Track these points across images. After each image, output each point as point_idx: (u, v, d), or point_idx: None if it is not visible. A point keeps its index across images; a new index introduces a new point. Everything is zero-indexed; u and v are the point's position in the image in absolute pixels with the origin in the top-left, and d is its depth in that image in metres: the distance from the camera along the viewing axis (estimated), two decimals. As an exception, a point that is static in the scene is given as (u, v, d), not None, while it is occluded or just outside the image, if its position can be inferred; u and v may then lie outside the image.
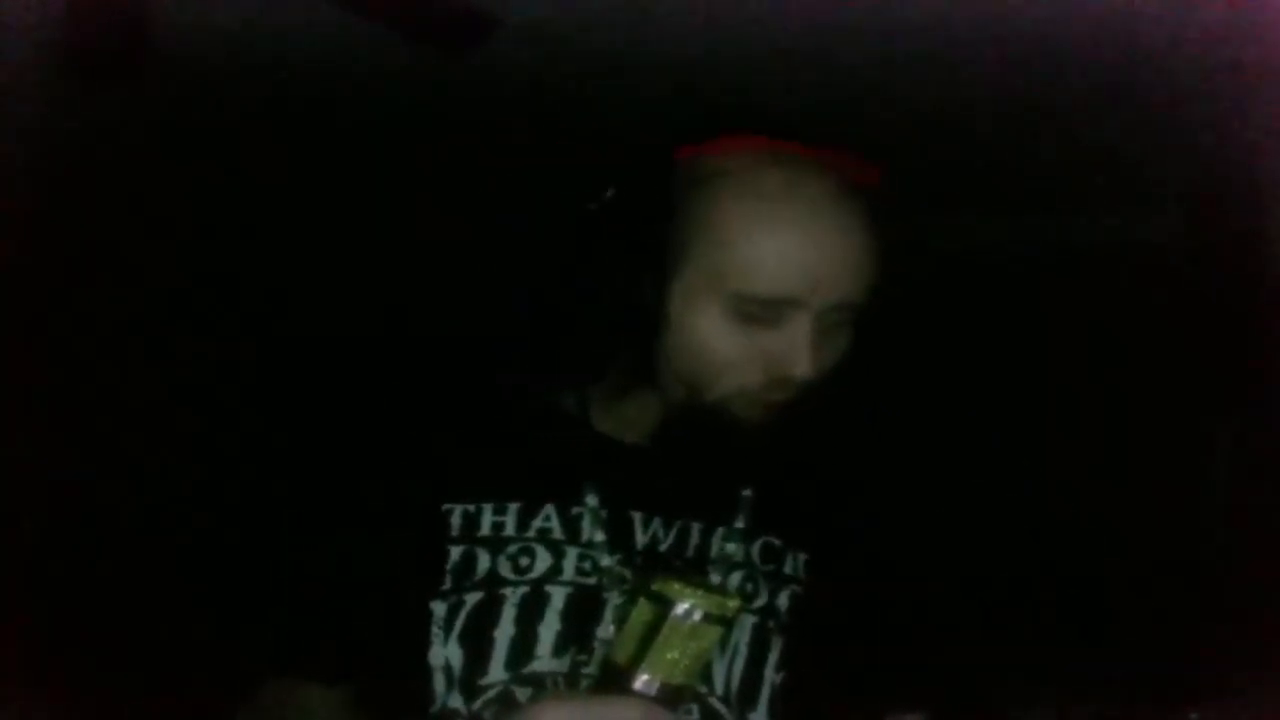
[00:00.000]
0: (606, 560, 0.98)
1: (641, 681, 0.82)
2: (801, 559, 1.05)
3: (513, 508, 0.98)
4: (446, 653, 0.95)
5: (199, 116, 3.08)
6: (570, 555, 0.98)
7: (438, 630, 0.96)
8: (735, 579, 1.01)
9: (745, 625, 1.00)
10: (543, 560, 0.97)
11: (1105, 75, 2.58)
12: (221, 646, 1.03)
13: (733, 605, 0.84)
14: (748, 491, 1.04)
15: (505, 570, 0.96)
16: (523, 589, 0.96)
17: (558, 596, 0.96)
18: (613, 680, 0.84)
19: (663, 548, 1.00)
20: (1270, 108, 2.30)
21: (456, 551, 0.97)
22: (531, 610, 0.96)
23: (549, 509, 0.99)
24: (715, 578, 1.00)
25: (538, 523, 0.99)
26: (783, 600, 1.03)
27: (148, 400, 3.48)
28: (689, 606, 0.82)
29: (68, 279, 3.40)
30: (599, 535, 0.99)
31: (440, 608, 0.96)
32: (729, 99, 2.63)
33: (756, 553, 1.03)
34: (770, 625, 1.01)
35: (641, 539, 1.00)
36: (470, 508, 0.98)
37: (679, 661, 0.82)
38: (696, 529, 1.02)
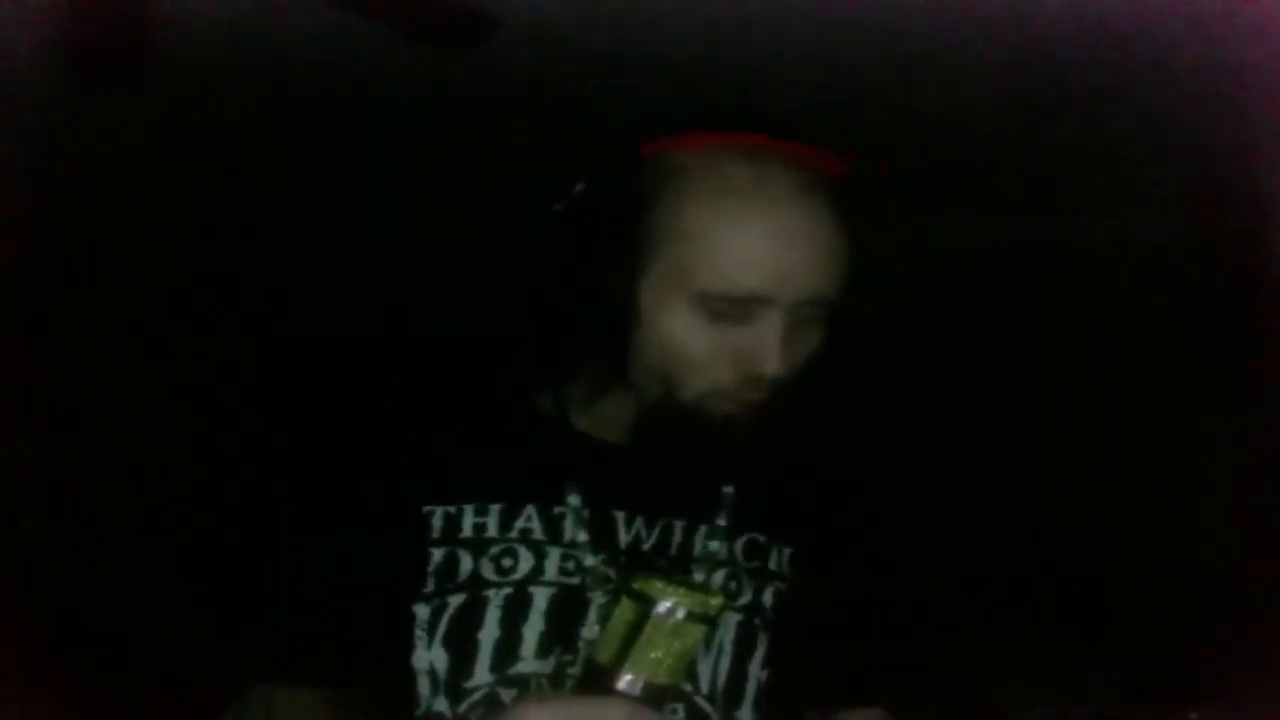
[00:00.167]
0: (590, 560, 0.97)
1: (625, 681, 0.81)
2: (786, 554, 1.04)
3: (494, 509, 0.98)
4: (430, 656, 0.95)
5: (199, 116, 3.08)
6: (553, 556, 0.97)
7: (421, 633, 0.95)
8: (719, 577, 1.00)
9: (730, 623, 0.99)
10: (525, 561, 0.96)
11: (1105, 75, 2.58)
12: (210, 648, 1.02)
13: (715, 603, 0.83)
14: (729, 488, 1.03)
15: (488, 572, 0.96)
16: (506, 590, 0.95)
17: (541, 597, 0.95)
18: (596, 680, 0.83)
19: (646, 547, 1.00)
20: (1270, 108, 2.30)
21: (438, 553, 0.96)
22: (515, 612, 0.95)
23: (530, 509, 0.98)
24: (699, 576, 0.99)
25: (520, 523, 0.98)
26: (768, 597, 1.02)
27: (147, 400, 3.48)
28: (671, 605, 0.81)
29: (68, 279, 3.40)
30: (581, 535, 0.98)
31: (423, 611, 0.95)
32: (728, 99, 2.63)
33: (740, 550, 1.03)
34: (756, 623, 1.01)
35: (624, 538, 0.99)
36: (451, 509, 0.97)
37: (662, 661, 0.81)
38: (679, 527, 1.01)
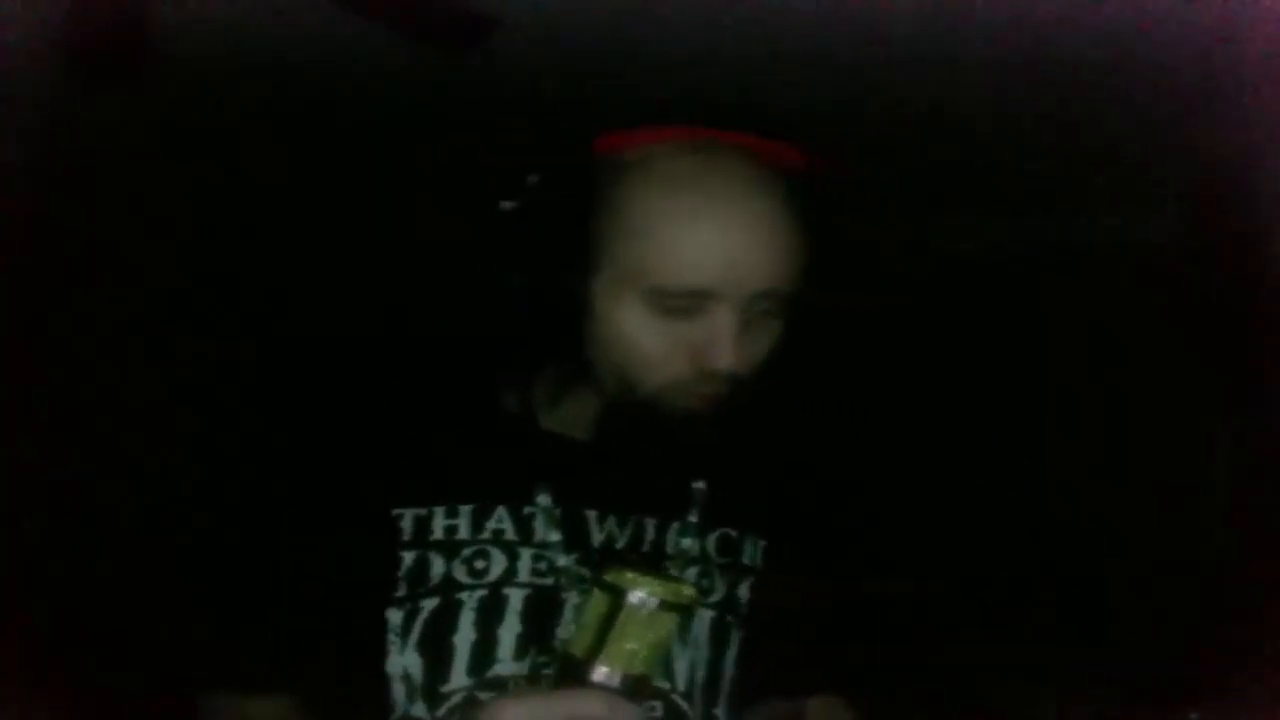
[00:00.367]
0: (563, 560, 0.96)
1: (601, 673, 0.80)
2: (760, 547, 1.04)
3: (465, 510, 0.96)
4: (404, 661, 0.94)
5: (199, 116, 3.08)
6: (525, 557, 0.96)
7: (394, 638, 0.94)
8: (692, 574, 1.00)
9: (704, 620, 0.99)
10: (498, 563, 0.95)
11: (1105, 75, 2.58)
12: (200, 650, 1.01)
13: (688, 592, 0.82)
14: (700, 484, 1.02)
15: (461, 574, 0.94)
16: (480, 593, 0.94)
17: (516, 599, 0.94)
18: (572, 674, 0.82)
19: (619, 545, 0.99)
20: (1270, 108, 2.30)
21: (409, 557, 0.95)
22: (490, 614, 0.94)
23: (501, 510, 0.97)
24: (672, 573, 0.98)
25: (491, 524, 0.96)
26: (742, 592, 1.02)
27: (147, 400, 3.48)
28: (644, 595, 0.80)
29: (68, 279, 3.40)
30: (553, 535, 0.97)
31: (396, 615, 0.94)
32: (729, 99, 2.63)
33: (713, 546, 1.02)
34: (729, 619, 1.01)
35: (597, 537, 0.98)
36: (421, 512, 0.96)
37: (638, 652, 0.80)
38: (651, 525, 1.00)
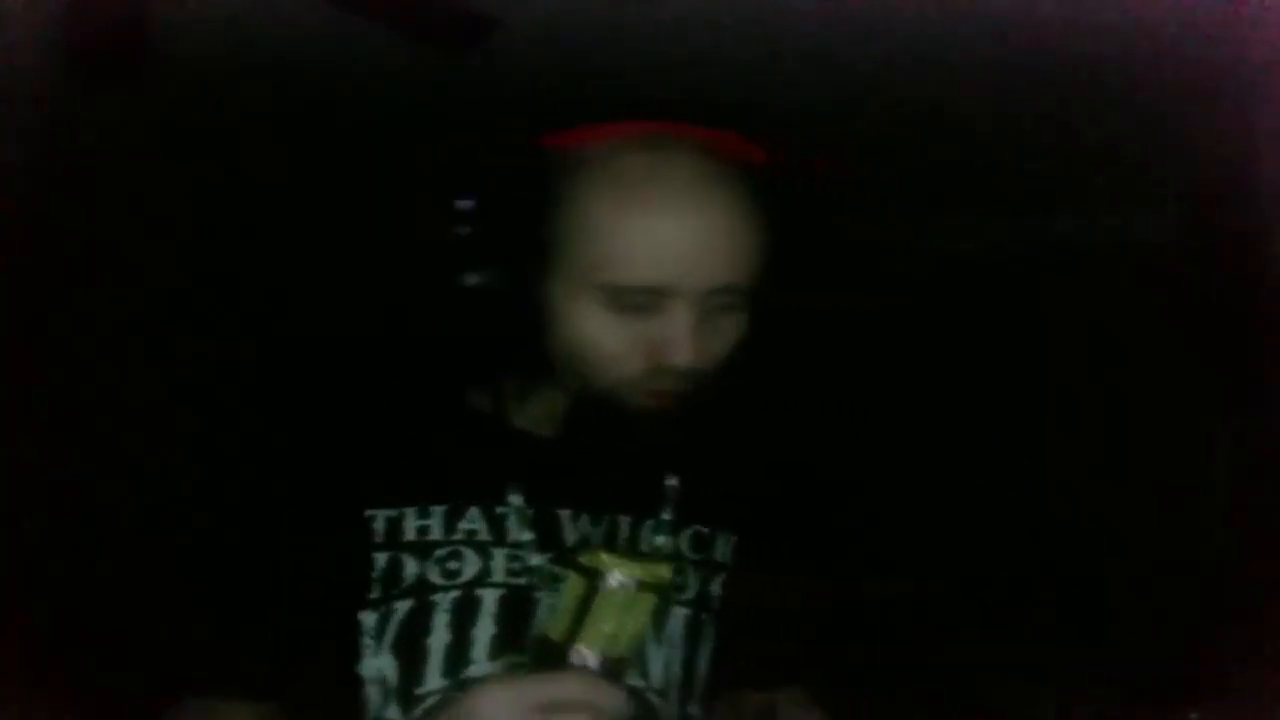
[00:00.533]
0: (536, 559, 0.96)
1: (581, 656, 0.80)
2: (732, 543, 1.04)
3: (437, 511, 0.96)
4: (379, 663, 0.93)
5: (199, 116, 3.08)
6: (499, 557, 0.95)
7: (369, 641, 0.93)
8: None
9: (679, 617, 0.99)
10: (472, 563, 0.95)
11: (1105, 75, 2.58)
12: (154, 658, 1.00)
13: (665, 573, 0.82)
14: (673, 481, 1.02)
15: (434, 576, 0.94)
16: (454, 594, 0.94)
17: (490, 599, 0.94)
18: (549, 658, 0.81)
19: (592, 544, 0.98)
20: (1270, 108, 2.30)
21: (382, 558, 0.94)
22: (464, 615, 0.93)
23: (474, 510, 0.96)
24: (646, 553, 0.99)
25: (464, 525, 0.96)
26: (715, 587, 1.02)
27: (147, 400, 3.48)
28: (621, 576, 0.80)
29: (68, 279, 3.40)
30: (526, 534, 0.96)
31: (369, 618, 0.93)
32: (728, 99, 2.63)
33: (686, 543, 1.02)
34: (703, 617, 1.01)
35: (570, 536, 0.98)
36: (393, 513, 0.95)
37: (617, 634, 0.80)
38: (625, 523, 1.00)
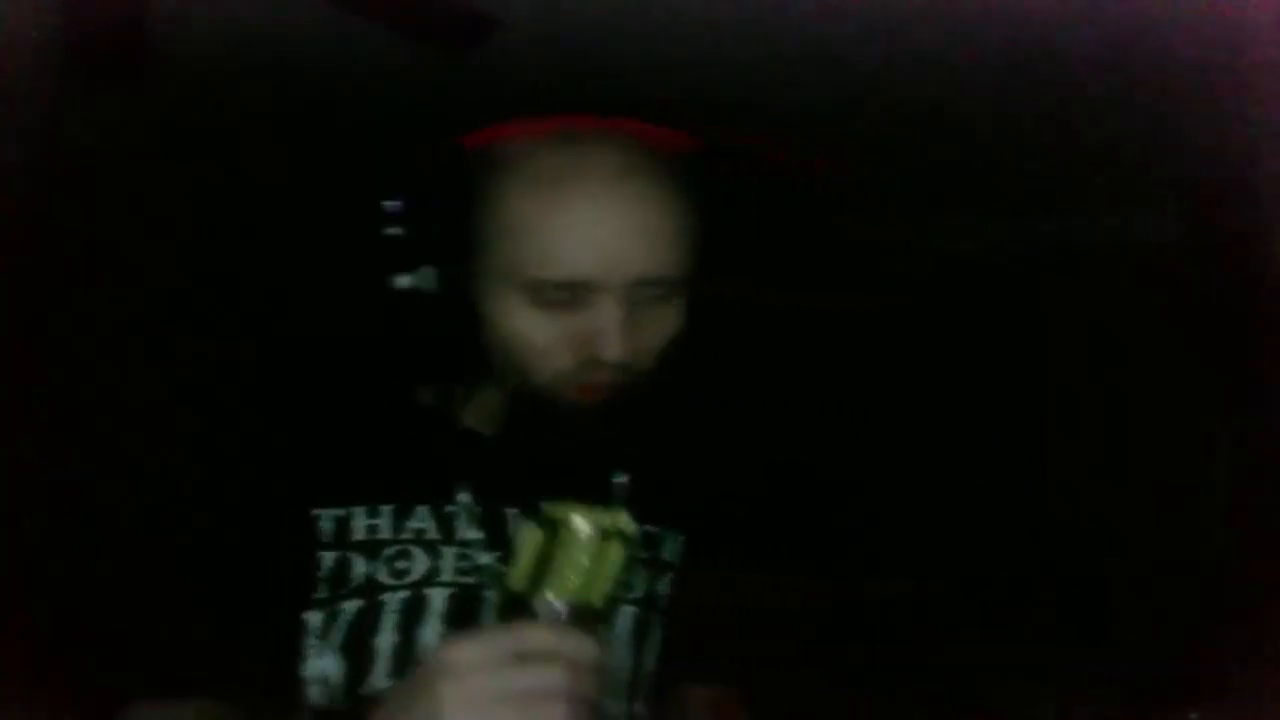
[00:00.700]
0: (485, 558, 0.95)
1: (546, 604, 0.79)
2: (679, 541, 1.04)
3: (386, 510, 0.95)
4: (323, 664, 0.92)
5: (199, 116, 3.08)
6: (448, 556, 0.94)
7: (313, 641, 0.92)
8: None
9: (626, 616, 0.98)
10: (421, 563, 0.94)
11: (1105, 75, 2.58)
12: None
13: (627, 524, 0.81)
14: (622, 479, 1.00)
15: (383, 575, 0.93)
16: (402, 594, 0.93)
17: (438, 599, 0.93)
18: (515, 609, 0.80)
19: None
20: (1270, 108, 2.30)
21: (329, 558, 0.93)
22: (412, 615, 0.92)
23: (423, 509, 0.95)
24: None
25: (413, 524, 0.95)
26: (662, 586, 1.02)
27: (148, 400, 3.48)
28: (583, 524, 0.79)
29: (68, 279, 3.40)
30: (474, 533, 0.95)
31: (315, 618, 0.92)
32: (728, 99, 2.63)
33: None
34: (651, 616, 1.00)
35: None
36: (341, 512, 0.94)
37: (586, 584, 0.79)
38: None
